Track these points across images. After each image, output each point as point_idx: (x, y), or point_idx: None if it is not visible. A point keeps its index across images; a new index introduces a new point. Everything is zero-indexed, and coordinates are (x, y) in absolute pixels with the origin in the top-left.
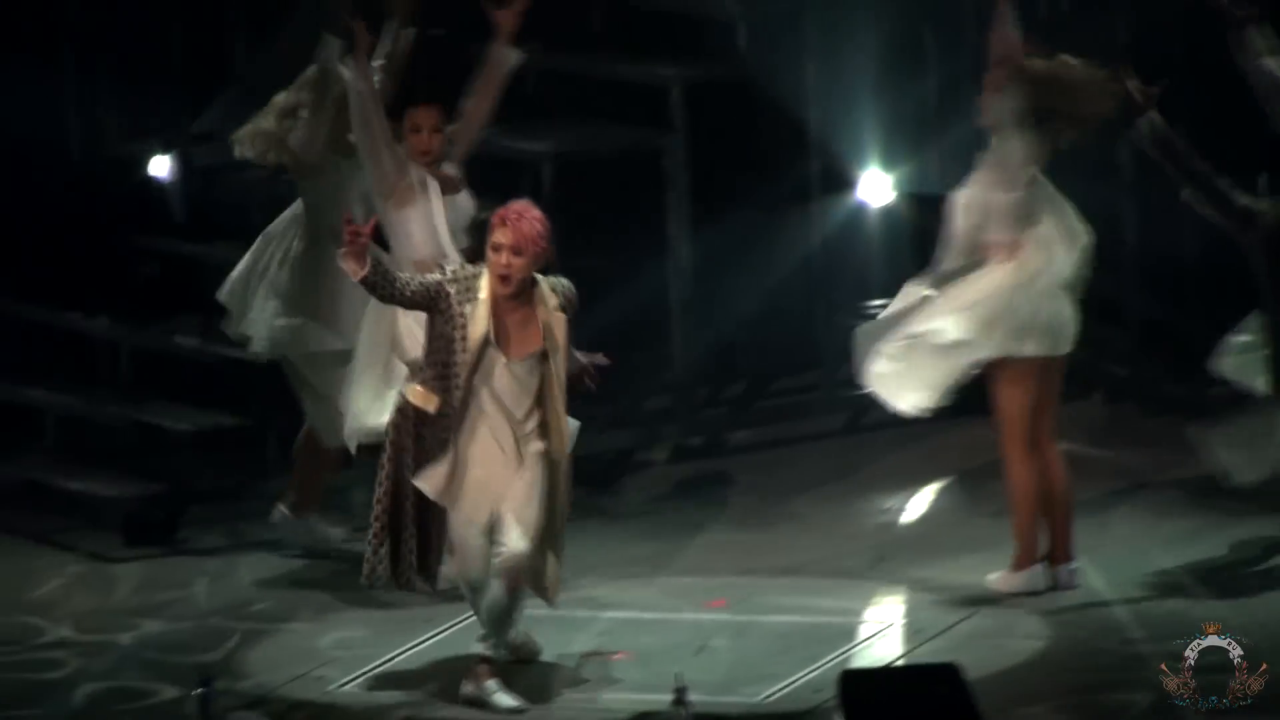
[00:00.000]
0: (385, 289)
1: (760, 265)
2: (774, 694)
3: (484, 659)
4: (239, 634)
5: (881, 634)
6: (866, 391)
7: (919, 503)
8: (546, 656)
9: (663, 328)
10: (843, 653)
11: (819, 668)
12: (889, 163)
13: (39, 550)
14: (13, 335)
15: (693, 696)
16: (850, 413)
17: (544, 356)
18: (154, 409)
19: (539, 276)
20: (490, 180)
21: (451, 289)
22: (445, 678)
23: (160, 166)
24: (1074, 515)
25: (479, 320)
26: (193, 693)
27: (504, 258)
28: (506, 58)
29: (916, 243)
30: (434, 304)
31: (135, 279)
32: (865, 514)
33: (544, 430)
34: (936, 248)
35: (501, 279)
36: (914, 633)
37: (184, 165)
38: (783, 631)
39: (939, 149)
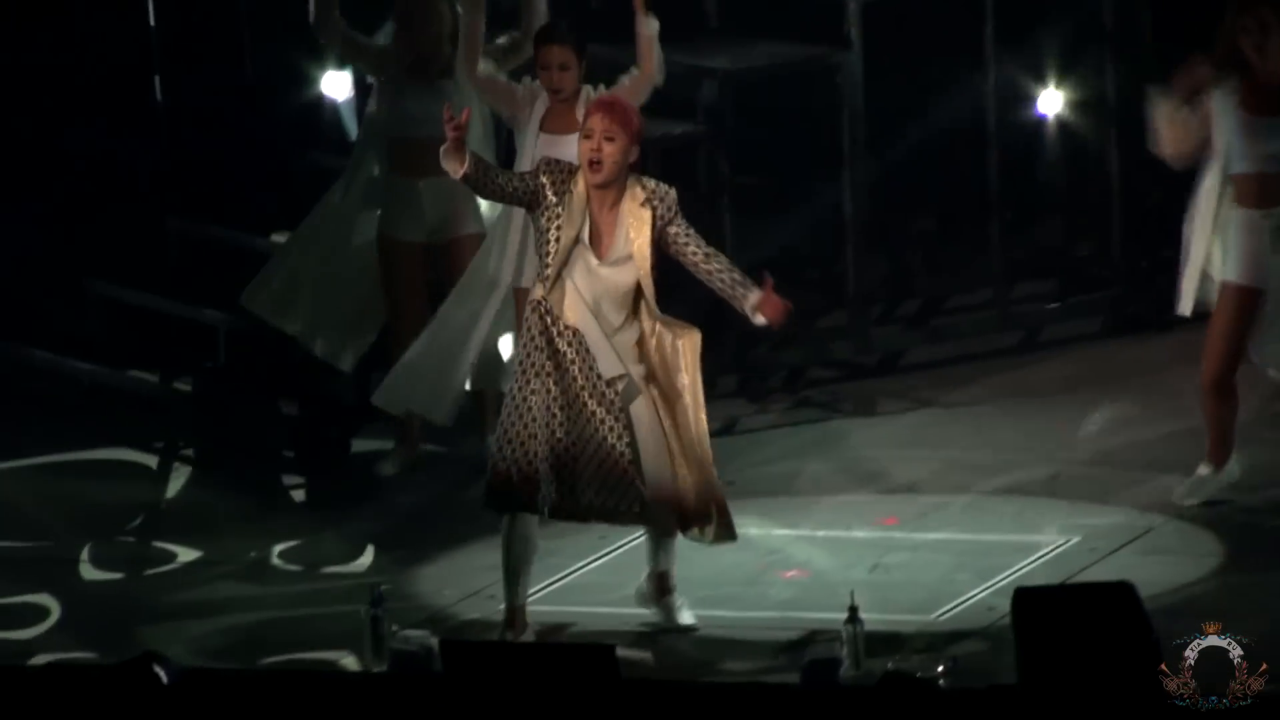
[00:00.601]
0: (486, 186)
1: (935, 181)
2: (947, 612)
3: (660, 573)
4: (410, 552)
5: (1056, 551)
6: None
7: (1094, 419)
8: (720, 573)
9: (836, 245)
10: (1016, 570)
11: (992, 586)
12: (1066, 77)
13: (211, 469)
14: (184, 252)
15: (865, 615)
16: (1025, 330)
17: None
18: None
19: (637, 177)
20: (664, 98)
21: (546, 179)
22: (617, 595)
23: (333, 83)
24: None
25: (572, 216)
26: (363, 611)
27: (595, 142)
28: (647, 28)
29: (1093, 159)
30: (534, 199)
31: (314, 196)
32: (1040, 431)
33: (645, 347)
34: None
35: (591, 165)
36: (1088, 550)
37: (357, 82)
38: (956, 549)
39: (1115, 64)
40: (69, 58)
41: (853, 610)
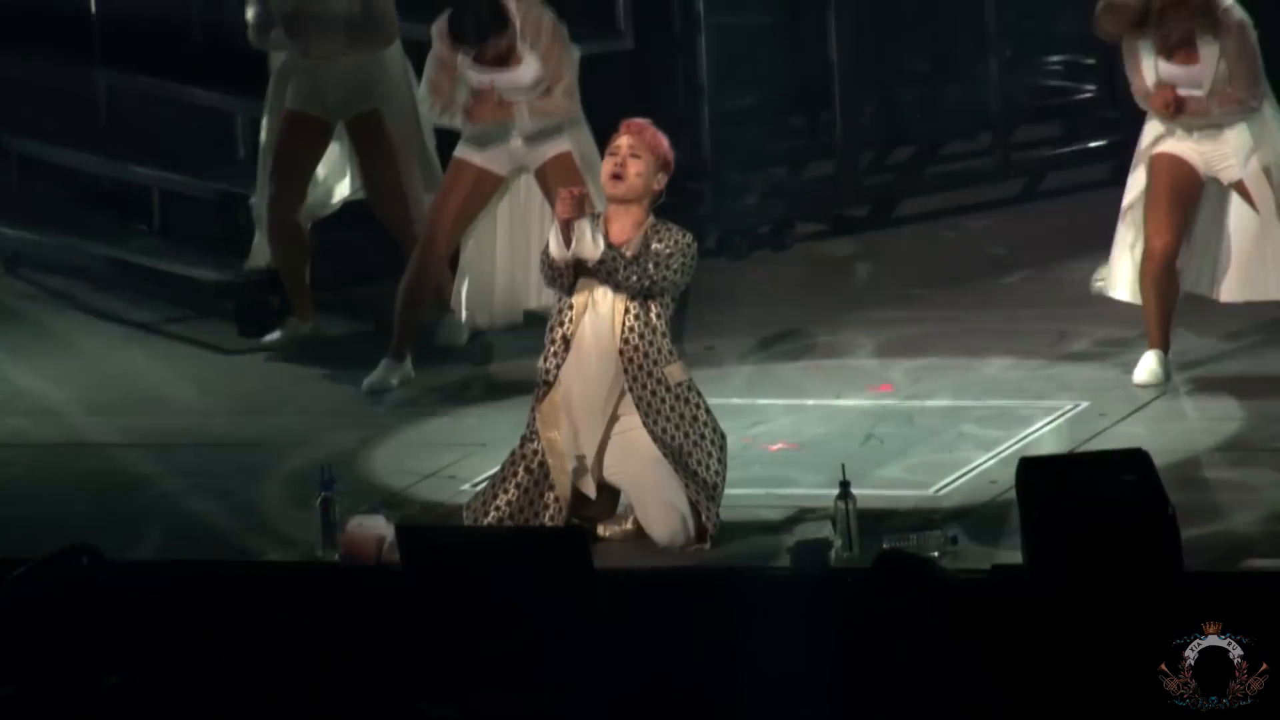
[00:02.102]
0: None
1: (928, 21)
2: (947, 486)
3: None
4: (364, 432)
5: (1063, 418)
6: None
7: (1101, 274)
8: None
9: (824, 89)
10: (1021, 439)
11: (995, 456)
12: None
13: (147, 339)
14: (119, 108)
15: (858, 490)
16: (1026, 179)
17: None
18: None
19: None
20: None
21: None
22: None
23: None
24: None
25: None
26: (313, 496)
27: (620, 158)
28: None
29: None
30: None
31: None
32: (1043, 288)
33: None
34: None
35: (613, 178)
36: (1098, 416)
37: None
38: (955, 417)
39: None
40: None
41: (844, 485)
